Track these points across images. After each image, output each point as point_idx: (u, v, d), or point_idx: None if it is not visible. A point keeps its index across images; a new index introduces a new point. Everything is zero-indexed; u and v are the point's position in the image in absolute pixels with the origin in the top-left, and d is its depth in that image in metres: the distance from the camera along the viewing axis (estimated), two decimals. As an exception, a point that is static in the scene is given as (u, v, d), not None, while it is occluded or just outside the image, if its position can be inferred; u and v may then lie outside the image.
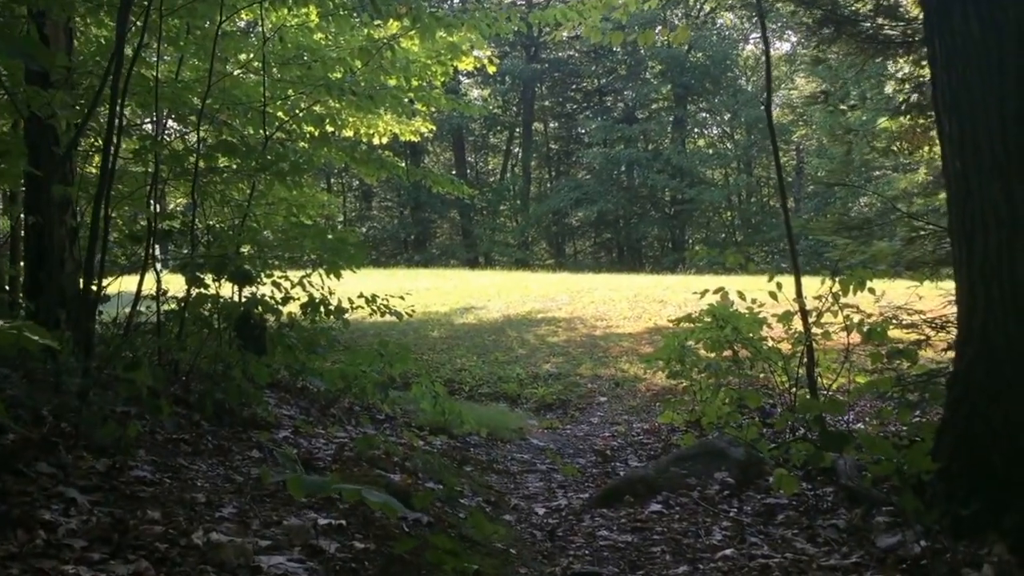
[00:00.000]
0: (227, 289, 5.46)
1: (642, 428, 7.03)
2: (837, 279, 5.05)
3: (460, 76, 32.47)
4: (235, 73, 6.75)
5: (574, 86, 39.62)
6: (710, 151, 38.93)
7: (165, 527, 2.66)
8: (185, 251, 5.64)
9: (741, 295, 5.53)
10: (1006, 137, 3.17)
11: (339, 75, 7.40)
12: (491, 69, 9.37)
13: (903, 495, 2.95)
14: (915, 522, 3.04)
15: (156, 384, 3.66)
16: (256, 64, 6.96)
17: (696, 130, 40.97)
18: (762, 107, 38.72)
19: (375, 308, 7.59)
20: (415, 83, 8.55)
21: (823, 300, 5.34)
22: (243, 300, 5.64)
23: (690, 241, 40.26)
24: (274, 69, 6.86)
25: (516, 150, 41.27)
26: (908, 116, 5.70)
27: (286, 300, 6.87)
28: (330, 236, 5.53)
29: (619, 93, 38.24)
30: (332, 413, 6.01)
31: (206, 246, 5.67)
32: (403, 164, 9.38)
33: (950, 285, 6.57)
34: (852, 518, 3.21)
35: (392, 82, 8.22)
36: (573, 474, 4.83)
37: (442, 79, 8.79)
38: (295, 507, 3.20)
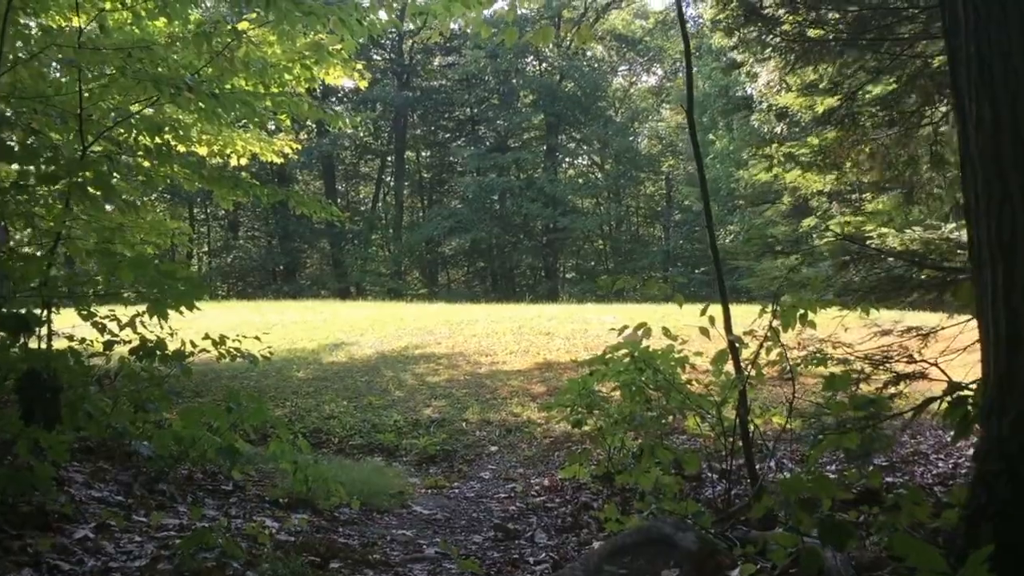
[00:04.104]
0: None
1: (542, 485, 6.08)
2: (775, 309, 4.30)
3: (330, 101, 31.08)
4: (32, 61, 5.42)
5: (446, 115, 38.98)
6: (580, 180, 39.16)
7: None
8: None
9: (667, 331, 4.70)
10: (1059, 120, 2.43)
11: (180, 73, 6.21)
12: (362, 84, 8.35)
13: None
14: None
15: None
16: (68, 57, 5.67)
17: (567, 159, 41.17)
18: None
19: (224, 352, 6.40)
20: (274, 89, 7.43)
21: (755, 335, 4.60)
22: (42, 349, 4.38)
23: (562, 270, 40.22)
24: (84, 66, 5.55)
25: (388, 179, 40.11)
26: (836, 129, 5.10)
27: (109, 345, 5.60)
28: (156, 267, 4.31)
29: (491, 122, 37.87)
30: (161, 489, 4.76)
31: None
32: (261, 185, 8.13)
33: (875, 315, 6.01)
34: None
35: (247, 87, 7.09)
36: (473, 570, 3.82)
37: (305, 85, 7.70)
38: None
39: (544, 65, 37.87)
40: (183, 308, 4.23)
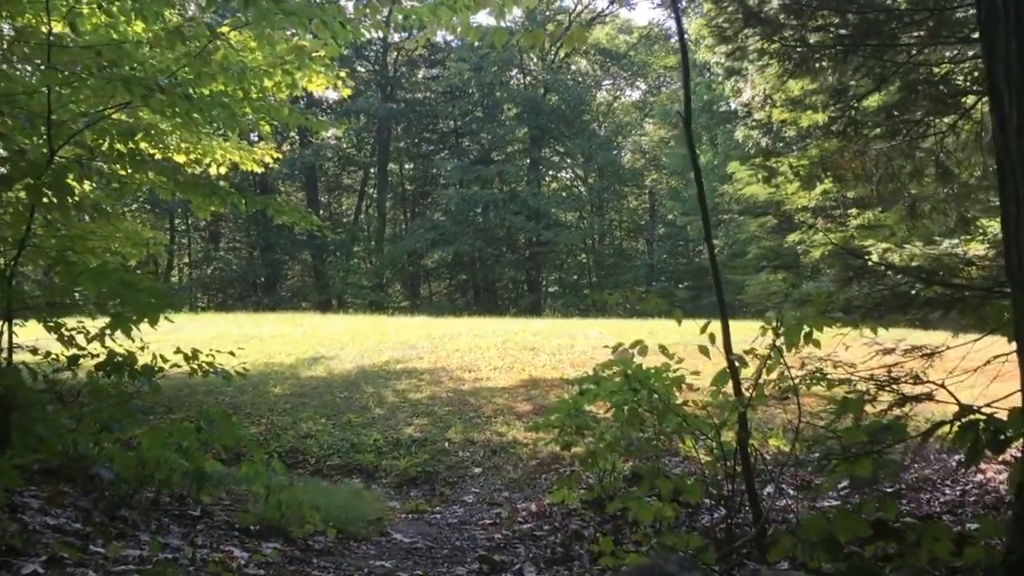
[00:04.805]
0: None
1: (529, 510, 5.81)
2: (780, 327, 4.08)
3: (314, 111, 30.77)
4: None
5: (430, 127, 38.75)
6: (564, 194, 39.04)
7: None
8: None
9: (663, 349, 4.46)
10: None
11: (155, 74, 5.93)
12: (345, 93, 8.10)
13: None
14: None
15: None
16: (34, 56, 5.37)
17: (551, 172, 41.08)
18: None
19: (196, 367, 6.11)
20: (254, 95, 7.16)
21: (755, 353, 4.37)
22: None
23: (545, 283, 40.01)
24: (54, 67, 5.25)
25: (371, 191, 39.81)
26: (837, 139, 4.90)
27: (75, 359, 5.32)
28: (120, 277, 4.02)
29: (475, 135, 37.70)
30: (123, 516, 4.44)
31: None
32: (239, 193, 7.84)
33: (879, 332, 5.81)
34: None
35: (227, 91, 6.81)
36: (460, 609, 3.56)
37: (287, 92, 7.43)
38: None
39: (528, 79, 37.79)
40: (148, 321, 3.95)
